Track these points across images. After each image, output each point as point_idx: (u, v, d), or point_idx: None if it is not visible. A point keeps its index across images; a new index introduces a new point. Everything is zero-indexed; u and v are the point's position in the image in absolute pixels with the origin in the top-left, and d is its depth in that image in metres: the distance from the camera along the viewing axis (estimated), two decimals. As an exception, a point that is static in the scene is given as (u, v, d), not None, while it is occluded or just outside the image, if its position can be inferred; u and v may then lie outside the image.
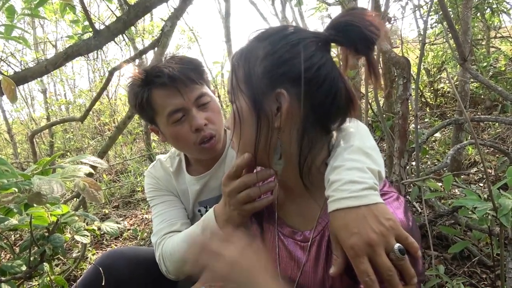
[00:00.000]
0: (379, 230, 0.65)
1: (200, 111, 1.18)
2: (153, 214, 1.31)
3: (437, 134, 3.18)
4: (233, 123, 0.81)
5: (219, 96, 4.54)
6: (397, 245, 0.65)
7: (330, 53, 0.78)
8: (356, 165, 0.73)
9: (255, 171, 0.86)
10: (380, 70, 2.77)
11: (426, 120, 4.11)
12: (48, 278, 1.07)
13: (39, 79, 5.29)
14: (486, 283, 1.61)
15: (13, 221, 0.97)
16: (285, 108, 0.73)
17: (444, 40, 3.60)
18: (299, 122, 0.75)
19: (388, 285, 0.64)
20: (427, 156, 3.09)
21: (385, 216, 0.66)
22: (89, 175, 1.00)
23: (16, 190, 0.80)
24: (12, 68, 2.29)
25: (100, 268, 1.18)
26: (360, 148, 0.78)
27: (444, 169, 2.14)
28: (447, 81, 4.45)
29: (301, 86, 0.72)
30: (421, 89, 4.52)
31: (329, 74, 0.74)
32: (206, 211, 1.30)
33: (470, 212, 1.36)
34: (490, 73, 3.87)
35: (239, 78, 0.78)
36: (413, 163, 1.98)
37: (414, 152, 1.78)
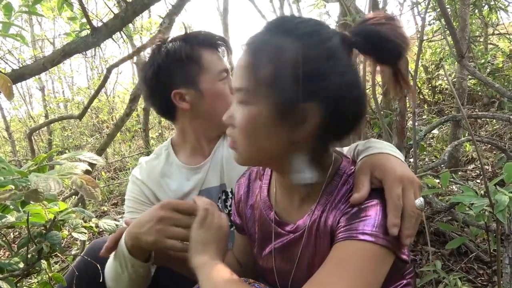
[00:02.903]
0: (414, 177, 0.75)
1: None
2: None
3: (435, 131, 3.19)
4: (245, 126, 0.74)
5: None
6: (421, 199, 0.74)
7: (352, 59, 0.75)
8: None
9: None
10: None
11: (424, 117, 4.11)
12: (47, 276, 1.06)
13: (37, 76, 5.27)
14: (483, 278, 1.62)
15: (11, 218, 0.97)
16: (312, 123, 0.71)
17: (442, 37, 3.60)
18: (317, 136, 0.73)
19: (406, 221, 0.70)
20: (424, 153, 3.10)
21: (414, 175, 0.77)
22: (87, 172, 1.00)
23: (13, 187, 0.80)
24: (10, 66, 2.28)
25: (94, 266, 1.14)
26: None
27: (442, 165, 2.14)
28: (445, 78, 4.46)
29: (332, 104, 0.70)
30: (419, 86, 4.52)
31: (359, 93, 0.73)
32: None
33: (467, 209, 1.37)
34: (488, 70, 3.87)
35: (263, 79, 0.70)
36: (411, 160, 1.98)
37: (412, 149, 1.79)
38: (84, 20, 2.17)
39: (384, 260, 0.69)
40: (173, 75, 1.19)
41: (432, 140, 3.48)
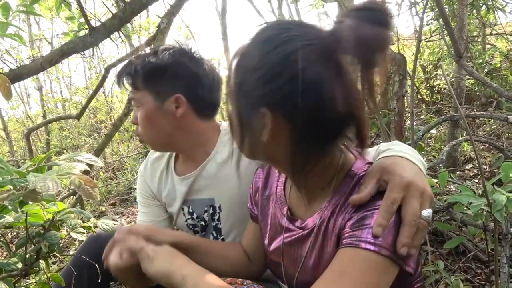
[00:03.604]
0: (425, 187, 0.72)
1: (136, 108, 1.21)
2: (138, 217, 1.39)
3: (433, 131, 3.19)
4: (231, 124, 0.80)
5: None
6: (430, 210, 0.70)
7: (337, 60, 0.67)
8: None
9: None
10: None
11: (422, 116, 4.12)
12: (45, 276, 1.06)
13: (34, 76, 5.26)
14: (481, 278, 1.62)
15: (9, 218, 0.96)
16: (269, 128, 0.71)
17: (440, 37, 3.61)
18: (287, 139, 0.72)
19: (405, 230, 0.68)
20: (423, 152, 3.10)
21: (428, 186, 0.73)
22: (85, 172, 1.00)
23: (11, 187, 0.80)
24: (8, 66, 2.28)
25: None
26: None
27: (440, 165, 2.15)
28: (443, 78, 4.47)
29: (283, 109, 0.69)
30: (417, 86, 4.53)
31: (321, 94, 0.66)
32: (189, 211, 1.31)
33: (465, 208, 1.37)
34: (486, 70, 3.88)
35: (231, 87, 0.75)
36: (409, 160, 1.99)
37: (410, 149, 1.79)
38: (82, 19, 2.17)
39: (387, 271, 0.68)
40: None
41: (430, 140, 3.49)
